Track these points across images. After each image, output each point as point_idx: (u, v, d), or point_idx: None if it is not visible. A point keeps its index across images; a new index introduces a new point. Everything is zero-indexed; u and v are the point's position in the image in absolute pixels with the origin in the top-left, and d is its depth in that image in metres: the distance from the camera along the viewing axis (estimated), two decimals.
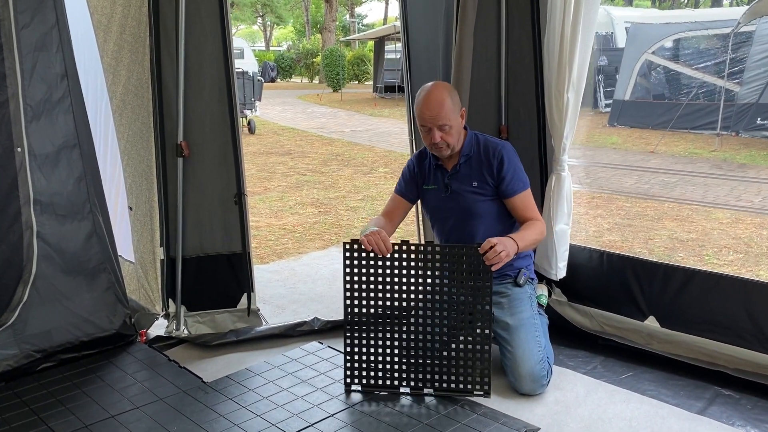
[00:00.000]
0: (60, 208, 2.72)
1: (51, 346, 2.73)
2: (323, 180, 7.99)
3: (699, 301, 2.74)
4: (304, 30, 40.24)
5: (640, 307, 2.90)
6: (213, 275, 3.16)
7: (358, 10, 43.82)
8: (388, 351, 2.56)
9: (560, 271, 3.00)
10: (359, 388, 2.57)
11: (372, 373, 2.56)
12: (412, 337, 2.55)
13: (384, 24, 30.22)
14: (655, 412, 2.41)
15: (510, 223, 2.72)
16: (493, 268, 2.40)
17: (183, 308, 3.14)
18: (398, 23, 5.80)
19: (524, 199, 2.65)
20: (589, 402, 2.49)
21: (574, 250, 3.08)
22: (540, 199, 3.03)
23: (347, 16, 39.31)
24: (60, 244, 2.73)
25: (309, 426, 2.33)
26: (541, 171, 3.13)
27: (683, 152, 9.37)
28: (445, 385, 2.53)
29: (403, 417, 2.37)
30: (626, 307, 2.95)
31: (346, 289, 2.53)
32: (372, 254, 2.49)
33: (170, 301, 3.14)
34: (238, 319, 3.20)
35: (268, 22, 46.75)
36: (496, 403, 2.47)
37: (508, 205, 2.66)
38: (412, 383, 2.55)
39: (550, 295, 3.12)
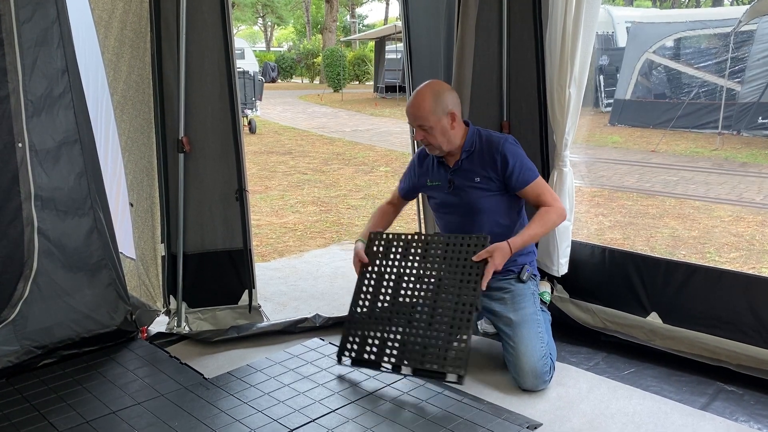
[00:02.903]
0: (61, 203, 2.71)
1: (52, 342, 2.72)
2: (324, 179, 7.99)
3: (701, 297, 2.73)
4: (305, 30, 40.23)
5: (643, 303, 2.89)
6: (214, 272, 3.16)
7: (358, 10, 43.82)
8: (379, 328, 2.63)
9: (562, 267, 3.00)
10: (349, 362, 2.67)
11: (366, 348, 2.62)
12: (396, 313, 2.62)
13: (385, 24, 30.21)
14: (657, 407, 2.40)
15: (515, 217, 2.72)
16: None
17: (184, 305, 3.14)
18: (399, 23, 5.79)
19: (535, 188, 2.62)
20: (592, 398, 2.48)
21: (576, 246, 3.08)
22: None
23: (348, 16, 39.27)
24: (61, 240, 2.73)
25: (311, 421, 2.32)
26: (543, 167, 3.13)
27: (684, 151, 9.37)
28: (427, 366, 2.49)
29: (405, 412, 2.36)
30: (628, 303, 2.94)
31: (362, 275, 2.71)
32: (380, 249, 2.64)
33: (171, 297, 3.14)
34: (239, 316, 3.20)
35: (269, 23, 46.77)
36: (498, 398, 2.46)
37: (522, 196, 2.66)
38: (393, 360, 2.56)
39: (552, 291, 3.11)
